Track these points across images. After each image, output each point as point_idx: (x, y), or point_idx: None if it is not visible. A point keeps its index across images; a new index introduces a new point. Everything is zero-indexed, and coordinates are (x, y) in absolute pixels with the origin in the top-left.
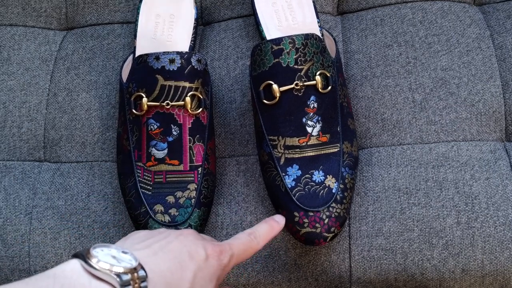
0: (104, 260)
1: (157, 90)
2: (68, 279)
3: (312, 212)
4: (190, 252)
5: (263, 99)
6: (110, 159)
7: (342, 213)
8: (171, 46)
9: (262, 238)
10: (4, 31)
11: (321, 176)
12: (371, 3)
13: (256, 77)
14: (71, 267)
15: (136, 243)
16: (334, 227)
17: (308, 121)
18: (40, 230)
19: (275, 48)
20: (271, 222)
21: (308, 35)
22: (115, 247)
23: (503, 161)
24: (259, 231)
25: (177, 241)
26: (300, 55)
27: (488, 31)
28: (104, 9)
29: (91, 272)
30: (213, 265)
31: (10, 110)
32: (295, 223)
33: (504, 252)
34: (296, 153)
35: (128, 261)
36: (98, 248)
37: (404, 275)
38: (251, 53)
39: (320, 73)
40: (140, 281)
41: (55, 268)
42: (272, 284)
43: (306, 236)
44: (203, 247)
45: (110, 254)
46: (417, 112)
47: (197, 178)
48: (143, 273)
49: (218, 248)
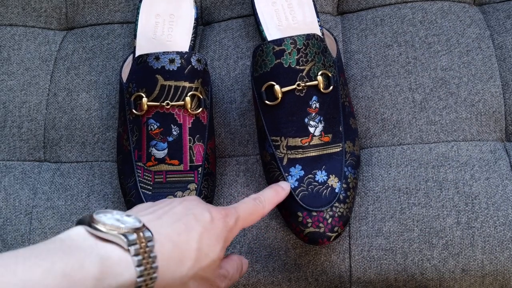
0: (108, 222)
1: (157, 90)
2: (75, 241)
3: (316, 212)
4: (195, 214)
5: (265, 100)
6: (110, 159)
7: (345, 212)
8: (171, 46)
9: (267, 203)
10: (4, 31)
11: (324, 176)
12: (371, 3)
13: (257, 78)
14: (76, 232)
15: (140, 211)
16: (338, 226)
17: (311, 121)
18: (40, 230)
19: (277, 49)
20: (276, 188)
21: (309, 35)
22: (117, 212)
23: (503, 161)
24: (265, 196)
25: (181, 206)
26: (301, 56)
27: (488, 31)
28: (104, 9)
29: (97, 235)
30: (219, 226)
31: (10, 110)
32: (298, 223)
33: (504, 252)
34: (299, 154)
35: (132, 223)
36: (101, 213)
37: (404, 275)
38: (253, 54)
39: (321, 73)
40: (146, 240)
41: (60, 234)
42: (272, 284)
43: (310, 236)
44: (208, 210)
45: (114, 218)
46: (417, 112)
47: (197, 178)
48: (148, 233)
49: (224, 211)
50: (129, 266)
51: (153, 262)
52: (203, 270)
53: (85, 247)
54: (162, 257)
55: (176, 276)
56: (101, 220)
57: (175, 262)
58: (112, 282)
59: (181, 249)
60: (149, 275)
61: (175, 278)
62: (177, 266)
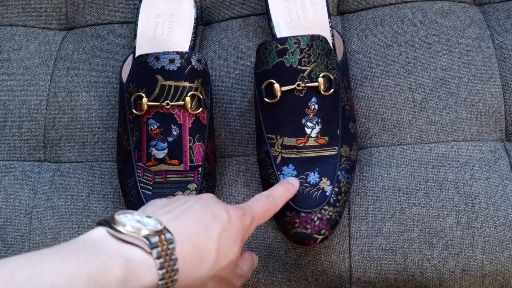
0: (130, 224)
1: (157, 90)
2: (97, 242)
3: (304, 213)
4: (213, 213)
5: (264, 97)
6: (110, 159)
7: (334, 216)
8: (171, 46)
9: (279, 200)
10: (4, 31)
11: (316, 178)
12: (371, 3)
13: (259, 75)
14: (97, 233)
15: (157, 210)
16: (325, 229)
17: (308, 122)
18: (40, 230)
19: (280, 47)
20: (286, 184)
21: (314, 36)
22: (137, 213)
23: (503, 161)
24: (276, 193)
25: (199, 204)
26: (304, 56)
27: (488, 31)
28: (104, 9)
29: (119, 237)
30: (236, 226)
31: (10, 110)
32: (286, 222)
33: (504, 252)
34: (293, 153)
35: (153, 225)
36: (121, 214)
37: (404, 275)
38: (256, 50)
39: (323, 75)
40: (168, 242)
41: (82, 236)
42: (272, 284)
43: (296, 236)
44: (225, 209)
45: (134, 219)
46: (417, 112)
47: (197, 178)
48: (169, 235)
49: (240, 210)
50: (151, 269)
51: (174, 264)
52: (222, 270)
53: (108, 249)
54: (183, 259)
55: (196, 277)
56: (122, 221)
57: (195, 263)
58: (135, 284)
59: (201, 250)
60: (170, 277)
61: (195, 278)
62: (197, 267)
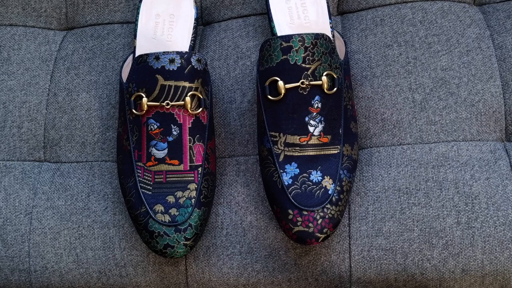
0: None
1: (157, 90)
2: None
3: (306, 212)
4: None
5: (267, 95)
6: (110, 159)
7: (337, 215)
8: (171, 46)
9: None
10: (4, 31)
11: (319, 176)
12: (371, 3)
13: (263, 72)
14: None
15: None
16: (327, 228)
17: (311, 121)
18: (40, 230)
19: (284, 45)
20: None
21: (318, 35)
22: None
23: (503, 161)
24: None
25: None
26: (308, 54)
27: (488, 31)
28: (104, 9)
29: None
30: None
31: (10, 110)
32: (288, 220)
33: (504, 252)
34: (296, 151)
35: None
36: None
37: (404, 275)
38: (260, 48)
39: (327, 73)
40: None
41: None
42: (272, 284)
43: (298, 235)
44: None
45: None
46: (417, 112)
47: (197, 178)
48: None
49: None
50: None
51: None
52: None
53: None
54: None
55: None
56: None
57: None
58: None
59: None
60: None
61: None
62: None
